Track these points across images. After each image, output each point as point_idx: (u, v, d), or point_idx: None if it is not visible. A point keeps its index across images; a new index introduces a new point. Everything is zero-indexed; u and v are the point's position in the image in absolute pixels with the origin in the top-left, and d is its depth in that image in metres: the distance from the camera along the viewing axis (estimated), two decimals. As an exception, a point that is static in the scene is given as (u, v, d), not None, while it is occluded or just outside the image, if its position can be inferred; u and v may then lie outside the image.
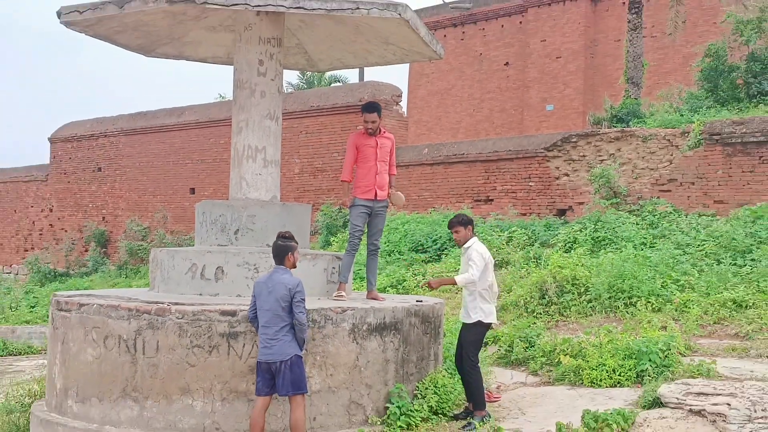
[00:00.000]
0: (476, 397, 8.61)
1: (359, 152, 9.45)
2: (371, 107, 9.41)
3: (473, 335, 8.73)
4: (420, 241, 18.48)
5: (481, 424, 8.25)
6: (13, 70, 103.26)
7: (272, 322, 7.32)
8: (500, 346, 11.43)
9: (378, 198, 9.44)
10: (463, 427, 8.31)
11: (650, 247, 14.86)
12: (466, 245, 8.80)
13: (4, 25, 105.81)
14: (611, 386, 9.31)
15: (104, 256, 28.43)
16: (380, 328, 8.31)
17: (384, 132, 9.57)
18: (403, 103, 24.88)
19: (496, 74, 33.89)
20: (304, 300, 7.38)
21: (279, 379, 7.29)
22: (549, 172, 19.05)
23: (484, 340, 9.26)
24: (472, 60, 34.66)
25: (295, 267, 7.66)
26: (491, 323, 8.86)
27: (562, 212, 18.73)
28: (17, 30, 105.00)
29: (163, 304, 7.98)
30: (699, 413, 7.80)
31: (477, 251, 8.68)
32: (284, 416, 7.68)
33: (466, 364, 8.68)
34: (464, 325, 8.79)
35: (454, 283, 8.93)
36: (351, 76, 38.76)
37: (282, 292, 7.30)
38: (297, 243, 7.73)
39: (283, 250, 7.58)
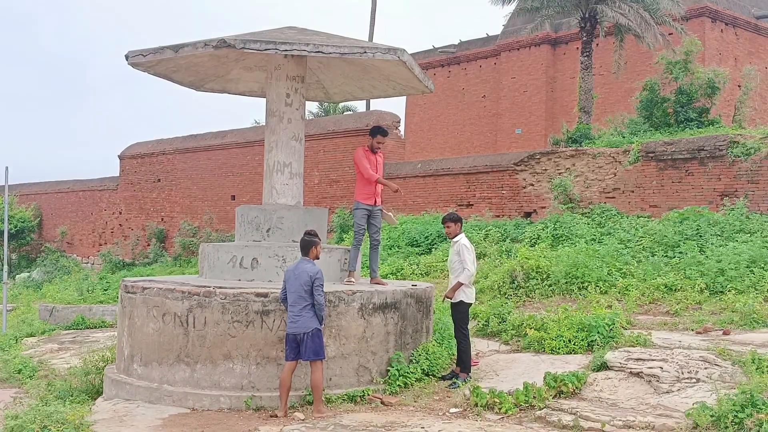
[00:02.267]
0: (464, 362, 8.61)
1: (368, 163, 9.46)
2: (384, 132, 9.44)
3: (459, 312, 8.73)
4: (415, 237, 18.48)
5: (463, 383, 8.25)
6: (90, 98, 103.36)
7: (297, 302, 7.36)
8: (479, 321, 11.41)
9: (377, 204, 9.48)
10: (449, 385, 8.32)
11: (599, 242, 14.84)
12: (455, 239, 8.80)
13: (80, 60, 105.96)
14: (567, 353, 9.30)
15: (163, 249, 28.42)
16: (383, 306, 8.32)
17: (381, 151, 9.61)
18: (401, 128, 24.84)
19: (475, 105, 33.86)
20: (322, 285, 7.43)
21: (303, 347, 7.33)
22: (518, 182, 19.03)
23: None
24: (456, 93, 34.64)
25: (318, 258, 7.71)
26: (471, 302, 8.87)
27: (528, 214, 18.71)
28: (93, 66, 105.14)
29: (209, 287, 7.99)
30: (638, 375, 7.79)
31: (465, 245, 8.67)
32: (306, 377, 7.69)
33: (458, 334, 8.71)
34: (452, 305, 8.79)
35: (462, 284, 8.62)
36: (360, 106, 38.74)
37: (305, 278, 7.35)
38: (320, 239, 7.80)
39: (308, 244, 7.66)
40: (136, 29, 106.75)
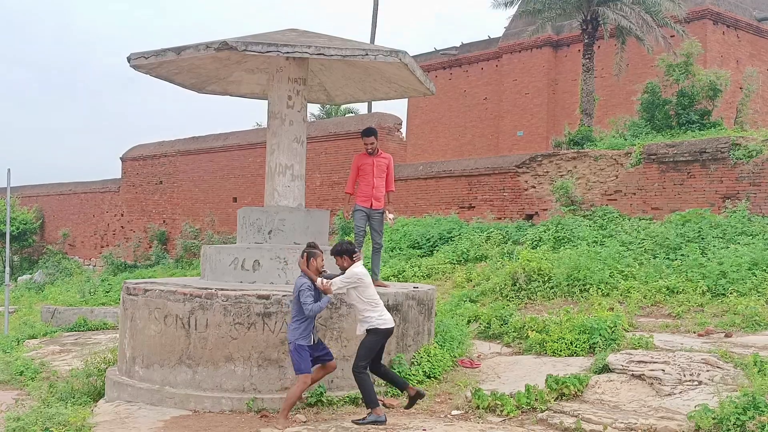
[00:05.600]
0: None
1: (360, 170, 9.51)
2: (369, 132, 9.47)
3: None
4: (416, 239, 18.47)
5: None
6: (91, 100, 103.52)
7: (293, 312, 7.29)
8: (480, 323, 11.41)
9: (374, 207, 9.48)
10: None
11: (600, 244, 14.83)
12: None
13: (82, 62, 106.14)
14: (569, 356, 9.29)
15: (164, 251, 28.44)
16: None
17: (381, 153, 9.56)
18: (403, 130, 24.84)
19: (476, 107, 33.86)
20: (307, 290, 7.08)
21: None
22: (519, 184, 19.02)
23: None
24: (457, 95, 34.64)
25: (318, 271, 7.27)
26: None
27: (530, 217, 18.70)
28: (94, 68, 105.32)
29: (211, 289, 7.99)
30: (639, 377, 7.78)
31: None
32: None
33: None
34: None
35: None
36: (361, 108, 38.73)
37: (295, 291, 7.21)
38: (320, 251, 7.37)
39: (302, 256, 7.38)
40: (138, 31, 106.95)
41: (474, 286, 14.34)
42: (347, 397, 7.82)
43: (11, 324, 17.46)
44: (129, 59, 9.24)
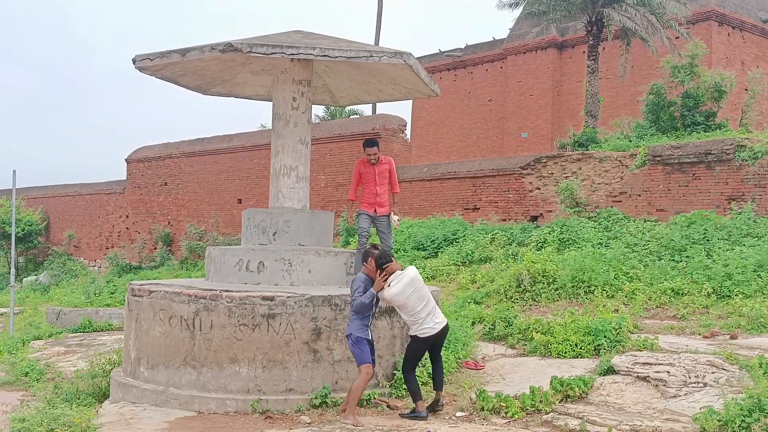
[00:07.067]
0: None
1: (362, 177, 9.49)
2: (371, 143, 9.42)
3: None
4: (421, 241, 18.45)
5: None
6: (96, 102, 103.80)
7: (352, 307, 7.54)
8: (485, 325, 11.40)
9: (378, 213, 9.46)
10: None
11: (605, 246, 14.80)
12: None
13: (87, 64, 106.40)
14: (574, 357, 9.28)
15: (169, 253, 28.47)
16: (388, 310, 8.28)
17: (382, 160, 9.50)
18: (408, 131, 24.85)
19: (481, 108, 33.85)
20: (357, 288, 7.41)
21: None
22: (524, 186, 19.00)
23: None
24: (462, 97, 34.64)
25: (371, 274, 7.50)
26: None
27: (534, 218, 18.68)
28: (99, 70, 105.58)
29: (215, 291, 8.00)
30: (644, 379, 7.77)
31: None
32: (312, 381, 7.71)
33: None
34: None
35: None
36: (366, 109, 38.72)
37: (354, 286, 7.52)
38: (375, 253, 7.59)
39: (363, 257, 7.72)
40: (143, 34, 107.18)
41: (478, 288, 14.33)
42: (352, 398, 7.82)
43: (16, 325, 17.50)
44: (134, 61, 9.27)
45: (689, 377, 7.59)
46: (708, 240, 13.60)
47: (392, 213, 9.62)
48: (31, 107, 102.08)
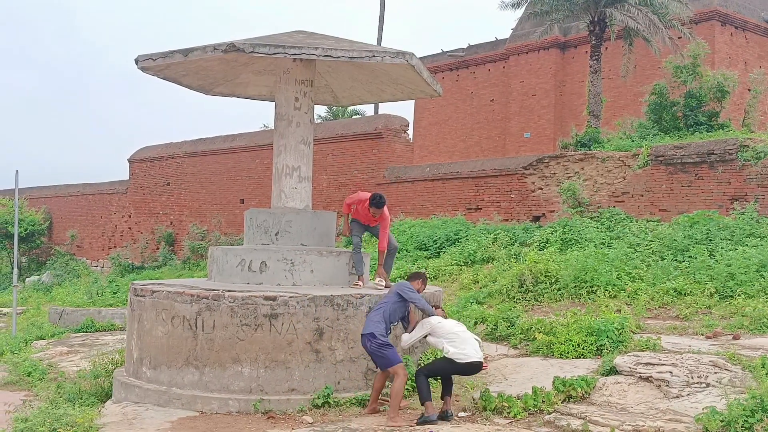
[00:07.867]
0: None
1: (356, 212, 9.39)
2: (380, 203, 9.07)
3: None
4: (423, 241, 18.45)
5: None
6: (99, 102, 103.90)
7: (384, 310, 7.62)
8: (487, 325, 11.39)
9: (372, 224, 9.41)
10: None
11: (608, 246, 14.78)
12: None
13: (90, 64, 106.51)
14: (576, 358, 9.26)
15: (172, 252, 28.49)
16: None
17: (381, 215, 9.28)
18: (410, 131, 24.85)
19: (483, 109, 33.84)
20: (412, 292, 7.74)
21: None
22: (526, 186, 18.99)
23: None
24: (464, 97, 34.63)
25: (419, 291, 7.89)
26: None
27: (537, 218, 18.67)
28: (101, 70, 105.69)
29: (218, 291, 8.01)
30: (647, 379, 7.77)
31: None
32: (314, 380, 7.69)
33: None
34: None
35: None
36: (368, 110, 38.77)
37: (394, 292, 7.77)
38: (425, 277, 8.17)
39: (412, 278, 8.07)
40: (146, 34, 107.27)
41: (481, 288, 14.32)
42: (354, 398, 7.82)
43: (19, 325, 17.54)
44: (137, 61, 9.29)
45: (692, 377, 7.59)
46: (711, 240, 13.59)
47: (376, 276, 9.38)
48: (33, 107, 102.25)
